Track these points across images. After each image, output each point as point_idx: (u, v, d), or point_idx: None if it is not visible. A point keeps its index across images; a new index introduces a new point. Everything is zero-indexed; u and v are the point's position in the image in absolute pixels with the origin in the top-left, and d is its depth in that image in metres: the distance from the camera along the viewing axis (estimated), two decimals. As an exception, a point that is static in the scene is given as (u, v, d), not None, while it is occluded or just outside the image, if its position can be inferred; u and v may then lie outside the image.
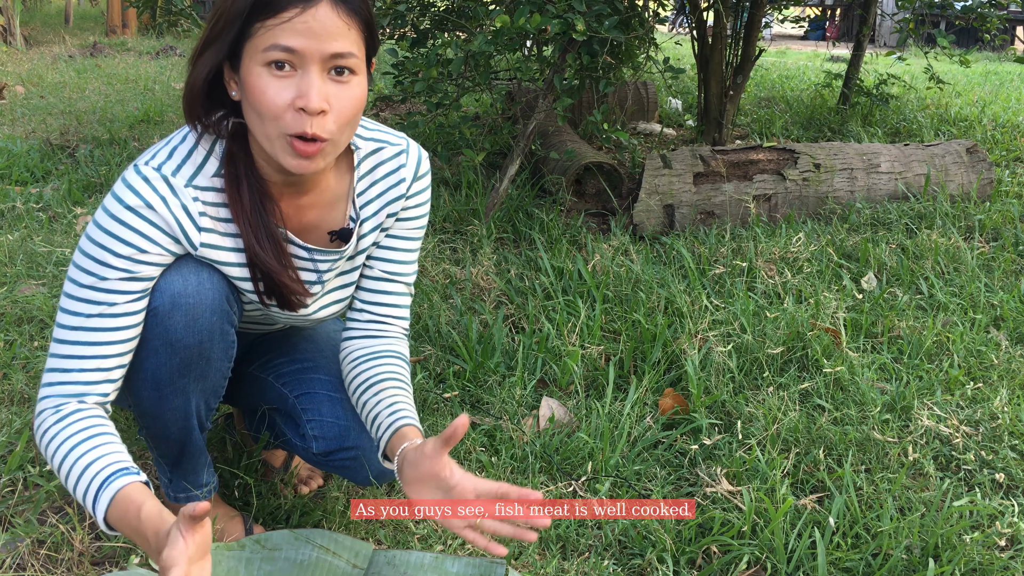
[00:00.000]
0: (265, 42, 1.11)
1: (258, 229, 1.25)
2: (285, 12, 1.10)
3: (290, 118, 1.13)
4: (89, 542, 1.52)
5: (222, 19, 1.14)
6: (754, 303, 2.51)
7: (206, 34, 1.17)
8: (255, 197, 1.24)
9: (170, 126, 5.08)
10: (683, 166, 3.30)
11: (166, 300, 1.23)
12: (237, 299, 1.34)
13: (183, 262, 1.25)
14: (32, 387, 2.03)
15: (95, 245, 1.18)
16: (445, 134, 3.87)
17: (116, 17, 10.95)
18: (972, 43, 12.76)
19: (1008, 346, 2.34)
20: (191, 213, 1.22)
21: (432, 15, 4.23)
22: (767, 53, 11.09)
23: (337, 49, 1.13)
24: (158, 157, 1.22)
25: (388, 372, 1.38)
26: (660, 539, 1.55)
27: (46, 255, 2.85)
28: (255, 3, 1.11)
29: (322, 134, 1.14)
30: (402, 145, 1.39)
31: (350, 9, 1.14)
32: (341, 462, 1.46)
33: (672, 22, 6.01)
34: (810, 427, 1.92)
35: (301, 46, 1.11)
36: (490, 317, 2.44)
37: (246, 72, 1.14)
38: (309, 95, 1.12)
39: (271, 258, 1.26)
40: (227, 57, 1.17)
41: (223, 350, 1.32)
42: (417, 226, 1.45)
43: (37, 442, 1.19)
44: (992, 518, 1.67)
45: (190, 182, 1.22)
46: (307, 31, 1.11)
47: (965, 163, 3.69)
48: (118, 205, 1.18)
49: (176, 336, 1.25)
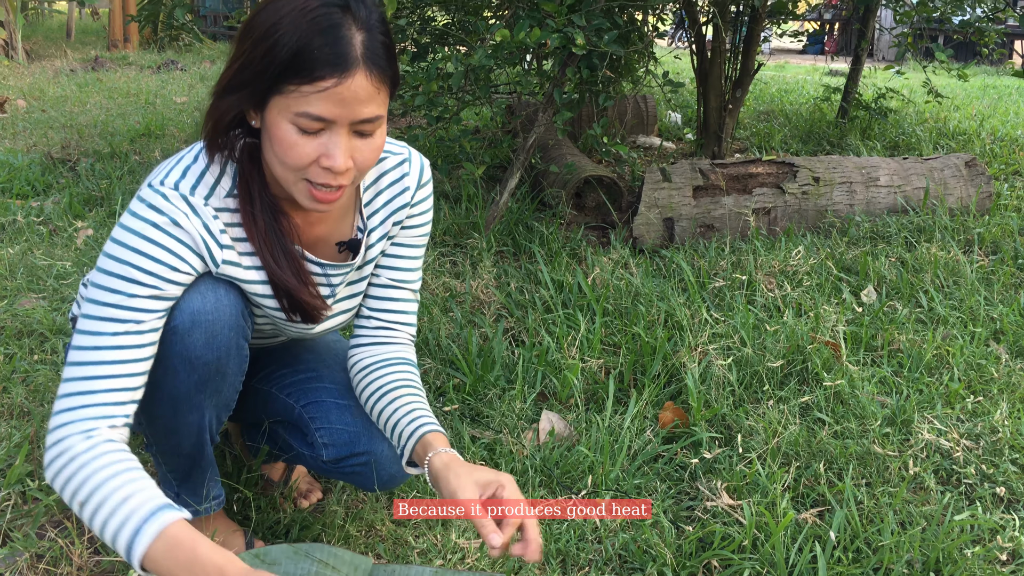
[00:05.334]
0: (298, 106, 1.11)
1: (275, 248, 1.26)
2: (322, 81, 1.09)
3: (314, 172, 1.15)
4: (88, 556, 1.52)
5: (251, 68, 1.12)
6: (754, 316, 2.51)
7: (233, 75, 1.15)
8: (268, 216, 1.25)
9: (171, 140, 5.09)
10: (683, 179, 3.31)
11: (185, 318, 1.23)
12: (251, 313, 1.35)
13: (199, 279, 1.25)
14: (32, 401, 2.02)
15: (120, 263, 1.16)
16: (445, 147, 3.88)
17: (118, 31, 11.00)
18: (970, 57, 12.81)
19: (1008, 359, 2.34)
20: (212, 231, 1.22)
21: (432, 29, 4.25)
22: (766, 67, 11.13)
23: (367, 115, 1.14)
24: (172, 176, 1.21)
25: (401, 379, 1.40)
26: (661, 553, 1.55)
27: (46, 268, 2.85)
28: (290, 63, 1.09)
29: (344, 183, 1.17)
30: (404, 154, 1.41)
31: (381, 72, 1.14)
32: (352, 468, 1.47)
33: (671, 36, 6.03)
34: (810, 441, 1.91)
35: (333, 115, 1.11)
36: (490, 330, 2.44)
37: (272, 121, 1.14)
38: (336, 157, 1.13)
39: (290, 277, 1.27)
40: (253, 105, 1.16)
41: (238, 365, 1.33)
42: (421, 233, 1.47)
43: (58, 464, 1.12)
44: (993, 532, 1.66)
45: (207, 201, 1.22)
46: (340, 101, 1.11)
47: (964, 177, 3.69)
48: (142, 223, 1.17)
49: (196, 354, 1.25)
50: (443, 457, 1.25)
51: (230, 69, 1.16)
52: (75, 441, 1.12)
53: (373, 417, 1.41)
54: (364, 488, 1.50)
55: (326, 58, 1.09)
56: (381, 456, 1.45)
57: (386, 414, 1.37)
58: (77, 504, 1.10)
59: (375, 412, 1.40)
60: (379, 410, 1.39)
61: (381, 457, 1.45)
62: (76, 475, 1.10)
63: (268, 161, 1.19)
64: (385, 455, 1.45)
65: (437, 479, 1.24)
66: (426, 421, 1.33)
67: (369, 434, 1.45)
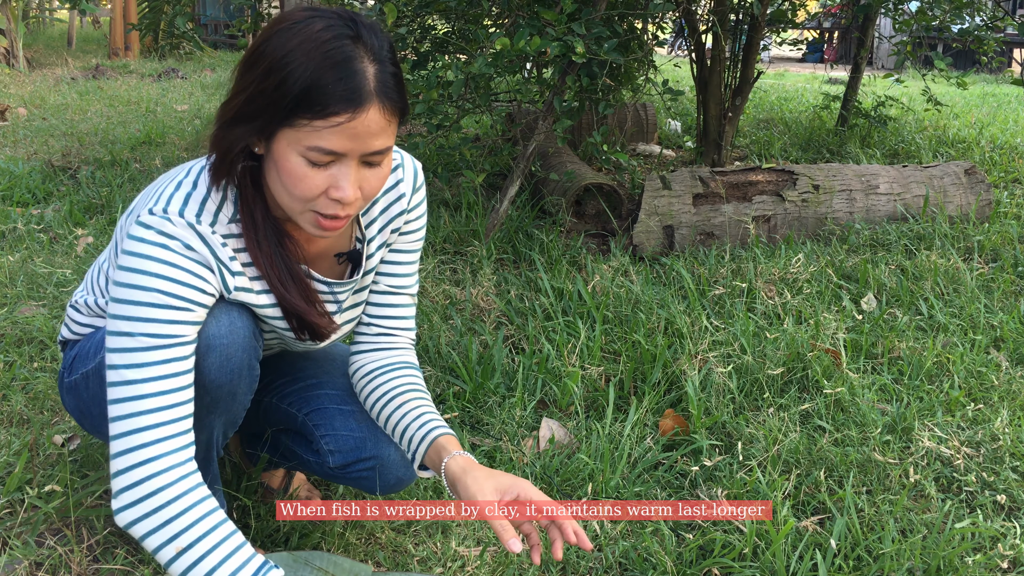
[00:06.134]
0: (309, 140, 1.10)
1: (282, 273, 1.26)
2: (336, 117, 1.08)
3: (322, 203, 1.14)
4: (87, 564, 1.51)
5: (260, 100, 1.10)
6: (754, 324, 2.51)
7: (241, 106, 1.12)
8: (272, 240, 1.24)
9: (171, 148, 5.10)
10: (682, 187, 3.31)
11: (201, 343, 1.22)
12: (261, 332, 1.35)
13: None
14: (31, 408, 2.02)
15: (148, 291, 1.13)
16: (445, 155, 3.89)
17: (119, 40, 11.03)
18: (969, 65, 12.84)
19: (1008, 367, 2.34)
20: (222, 258, 1.20)
21: (432, 37, 4.26)
22: (765, 75, 11.16)
23: (377, 147, 1.14)
24: (174, 203, 1.18)
25: (406, 383, 1.41)
26: (661, 561, 1.55)
27: (47, 276, 2.85)
28: (302, 98, 1.08)
29: (351, 212, 1.17)
30: (397, 160, 1.41)
31: (393, 104, 1.13)
32: (359, 473, 1.47)
33: (671, 44, 6.05)
34: (811, 448, 1.91)
35: (345, 149, 1.11)
36: (490, 338, 2.44)
37: (280, 153, 1.12)
38: (345, 189, 1.13)
39: (299, 300, 1.27)
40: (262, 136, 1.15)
41: (248, 384, 1.33)
42: (417, 238, 1.47)
43: (149, 507, 1.13)
44: (994, 540, 1.66)
45: (213, 229, 1.20)
46: (353, 135, 1.10)
47: (964, 184, 3.70)
48: (157, 248, 1.14)
49: (210, 378, 1.25)
50: (460, 461, 1.26)
51: (237, 99, 1.13)
52: (168, 479, 1.14)
53: (380, 422, 1.42)
54: (371, 492, 1.49)
55: (340, 94, 1.08)
56: (388, 460, 1.45)
57: (394, 419, 1.38)
58: (173, 549, 1.13)
59: (382, 417, 1.40)
60: (386, 415, 1.39)
61: (388, 461, 1.45)
62: (177, 519, 1.14)
63: (274, 190, 1.18)
64: (392, 459, 1.45)
65: (455, 483, 1.25)
66: (436, 424, 1.34)
67: (375, 438, 1.45)
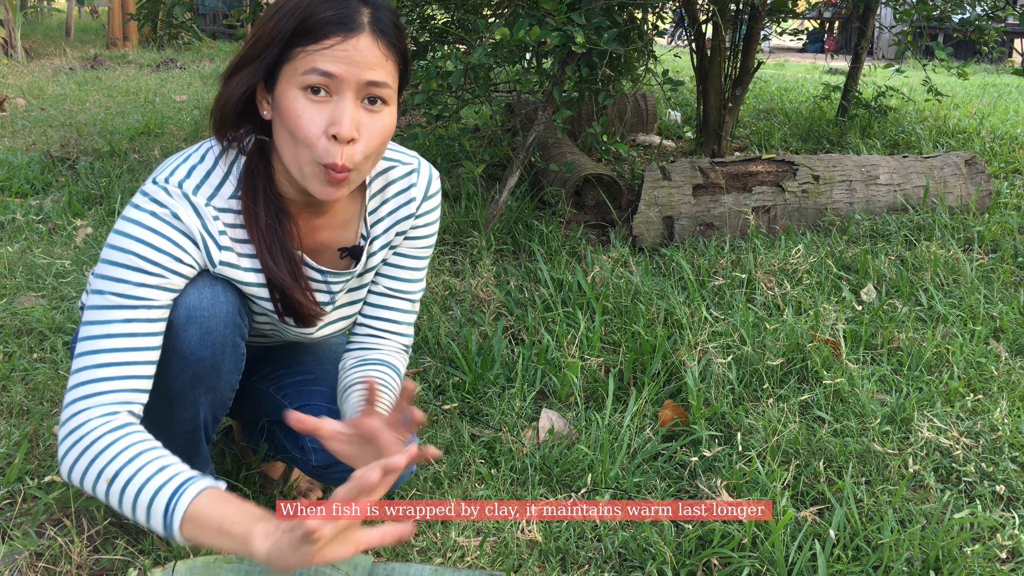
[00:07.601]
0: (304, 65, 1.13)
1: (273, 244, 1.26)
2: (327, 39, 1.12)
3: (322, 147, 1.15)
4: (87, 555, 1.51)
5: (262, 40, 1.15)
6: (753, 315, 2.51)
7: (244, 53, 1.18)
8: (272, 212, 1.25)
9: (170, 138, 5.09)
10: (682, 178, 3.31)
11: (181, 314, 1.24)
12: (248, 312, 1.35)
13: (197, 276, 1.26)
14: (31, 399, 2.02)
15: (126, 253, 1.18)
16: (445, 146, 3.88)
17: (117, 30, 10.99)
18: (970, 55, 12.82)
19: (1008, 358, 2.34)
20: (211, 231, 1.23)
21: (432, 27, 4.25)
22: (766, 65, 11.13)
23: (373, 78, 1.15)
24: (177, 174, 1.23)
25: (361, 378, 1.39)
26: (660, 551, 1.55)
27: (46, 267, 2.85)
28: (297, 28, 1.13)
29: (349, 164, 1.16)
30: (413, 164, 1.41)
31: (388, 42, 1.17)
32: (340, 475, 1.46)
33: (671, 35, 6.03)
34: (810, 439, 1.91)
35: (340, 72, 1.13)
36: (490, 329, 2.44)
37: (281, 94, 1.16)
38: (342, 122, 1.13)
39: (285, 275, 1.27)
40: (263, 77, 1.18)
41: (233, 363, 1.33)
42: (425, 245, 1.46)
43: (80, 446, 1.13)
44: (993, 530, 1.66)
45: (209, 201, 1.23)
46: (347, 59, 1.13)
47: (964, 175, 3.69)
48: (145, 214, 1.19)
49: (190, 349, 1.25)
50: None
51: (241, 50, 1.19)
52: (97, 423, 1.14)
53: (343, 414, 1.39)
54: None
55: (331, 19, 1.12)
56: None
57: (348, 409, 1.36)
58: (104, 481, 1.11)
59: (343, 409, 1.38)
60: (344, 409, 1.37)
61: None
62: (103, 453, 1.11)
63: (281, 147, 1.19)
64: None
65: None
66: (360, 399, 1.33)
67: None
